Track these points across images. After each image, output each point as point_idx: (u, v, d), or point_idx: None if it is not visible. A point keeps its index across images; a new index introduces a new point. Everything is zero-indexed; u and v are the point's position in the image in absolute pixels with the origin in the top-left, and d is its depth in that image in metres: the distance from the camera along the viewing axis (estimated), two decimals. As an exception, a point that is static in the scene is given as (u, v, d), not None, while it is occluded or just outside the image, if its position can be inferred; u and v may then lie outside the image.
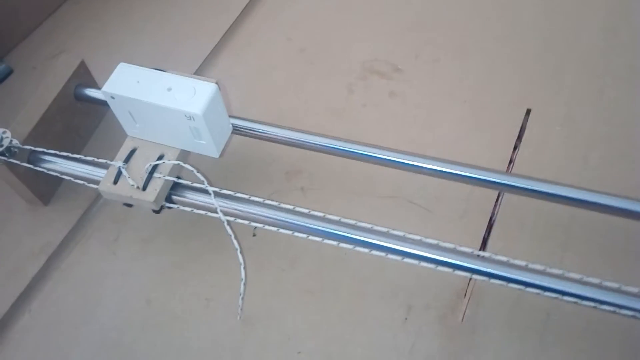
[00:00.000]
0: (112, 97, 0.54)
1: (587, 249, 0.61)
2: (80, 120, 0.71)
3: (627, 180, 0.66)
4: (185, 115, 0.53)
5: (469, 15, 0.85)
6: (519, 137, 0.70)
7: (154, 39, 0.85)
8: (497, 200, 0.65)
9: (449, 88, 0.76)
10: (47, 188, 0.68)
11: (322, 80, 0.78)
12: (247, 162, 0.70)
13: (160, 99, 0.53)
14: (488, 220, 0.63)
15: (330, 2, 0.89)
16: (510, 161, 0.68)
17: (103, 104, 0.69)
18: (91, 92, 0.69)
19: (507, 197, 0.65)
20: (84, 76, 0.70)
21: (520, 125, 0.71)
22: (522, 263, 0.52)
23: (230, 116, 0.62)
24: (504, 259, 0.52)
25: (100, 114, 0.75)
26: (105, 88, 0.54)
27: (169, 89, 0.53)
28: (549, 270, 0.51)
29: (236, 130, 0.63)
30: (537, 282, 0.51)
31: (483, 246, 0.61)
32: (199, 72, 0.80)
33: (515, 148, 0.69)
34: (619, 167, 0.68)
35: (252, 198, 0.56)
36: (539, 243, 0.61)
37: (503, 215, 0.63)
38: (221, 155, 0.59)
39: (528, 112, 0.73)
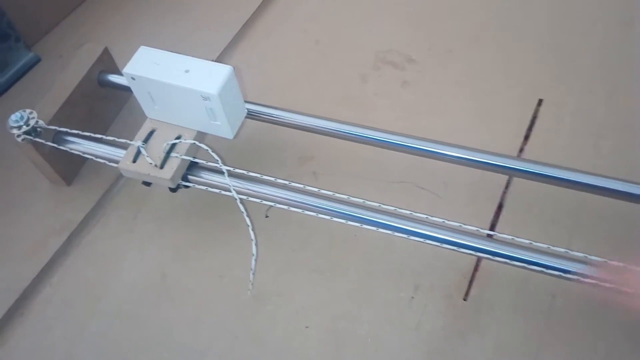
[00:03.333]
0: (133, 78, 0.57)
1: (594, 235, 0.61)
2: (103, 105, 0.74)
3: (639, 168, 0.67)
4: (202, 96, 0.55)
5: (482, 5, 0.86)
6: (530, 127, 0.71)
7: (174, 30, 0.88)
8: (506, 185, 0.66)
9: (461, 78, 0.77)
10: (70, 168, 0.71)
11: (336, 71, 0.80)
12: (261, 147, 0.72)
13: (177, 80, 0.55)
14: (497, 205, 0.64)
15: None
16: (521, 150, 0.69)
17: (125, 89, 0.73)
18: (114, 78, 0.72)
19: (517, 182, 0.66)
20: (107, 63, 0.73)
21: (531, 114, 0.72)
22: (526, 241, 0.53)
23: (245, 101, 0.64)
24: (508, 237, 0.53)
25: (122, 100, 0.78)
26: (126, 69, 0.57)
27: (187, 71, 0.56)
28: (552, 249, 0.52)
29: (251, 114, 0.65)
30: (540, 261, 0.52)
31: (491, 230, 0.62)
32: (217, 61, 0.83)
33: (526, 137, 0.70)
34: (630, 155, 0.68)
35: (264, 177, 0.58)
36: (546, 227, 0.62)
37: (512, 200, 0.64)
38: (235, 136, 0.61)
39: (540, 102, 0.74)
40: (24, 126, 0.62)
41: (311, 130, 0.66)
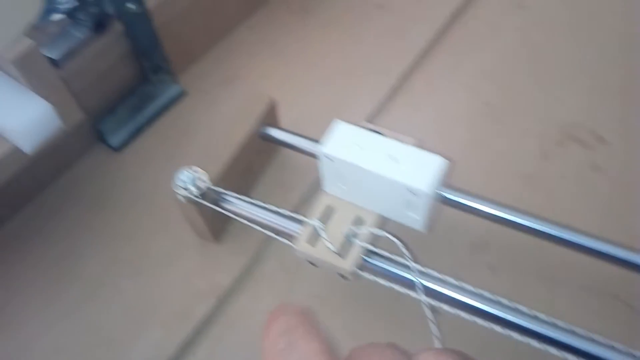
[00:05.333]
0: (329, 159, 0.51)
1: None
2: (258, 158, 0.69)
3: None
4: (409, 190, 0.48)
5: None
6: None
7: (328, 75, 0.82)
8: None
9: (666, 169, 0.67)
10: (221, 225, 0.66)
11: (511, 141, 0.71)
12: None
13: (383, 169, 0.48)
14: None
15: (522, 51, 0.82)
16: None
17: (285, 145, 0.67)
18: (277, 134, 0.66)
19: None
20: (271, 115, 0.67)
21: None
22: None
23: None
24: None
25: (274, 152, 0.72)
26: (325, 149, 0.50)
27: (393, 158, 0.49)
28: None
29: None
30: None
31: None
32: (373, 117, 0.76)
33: None
34: None
35: (463, 285, 0.50)
36: None
37: None
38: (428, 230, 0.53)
39: None
40: (192, 188, 0.57)
41: (486, 217, 0.58)
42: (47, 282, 0.64)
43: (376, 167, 0.48)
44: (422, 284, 0.51)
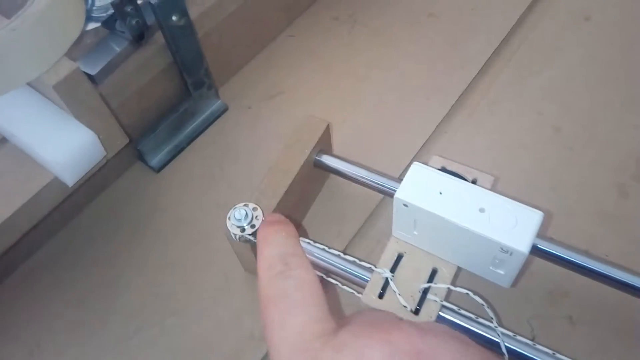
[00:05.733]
0: (405, 205, 0.45)
1: None
2: (311, 187, 0.64)
3: None
4: (502, 248, 0.43)
5: None
6: None
7: (377, 90, 0.76)
8: None
9: None
10: (271, 262, 0.61)
11: (585, 173, 0.65)
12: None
13: (472, 223, 0.43)
14: None
15: (592, 69, 0.75)
16: None
17: (338, 173, 0.62)
18: (331, 161, 0.61)
19: None
20: (324, 140, 0.62)
21: None
22: None
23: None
24: None
25: (324, 179, 0.67)
26: (401, 195, 0.45)
27: (482, 210, 0.43)
28: None
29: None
30: None
31: None
32: (433, 139, 0.70)
33: None
34: None
35: (558, 356, 0.45)
36: None
37: None
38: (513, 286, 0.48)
39: None
40: (248, 227, 0.52)
41: (563, 265, 0.52)
42: (81, 316, 0.60)
43: (463, 219, 0.43)
44: (507, 347, 0.45)
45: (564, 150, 0.67)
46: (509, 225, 0.42)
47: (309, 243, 0.53)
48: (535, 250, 0.51)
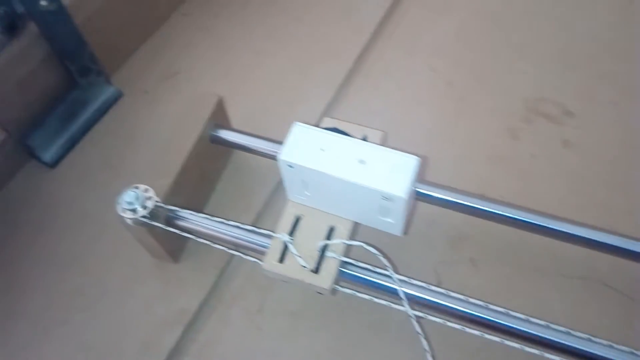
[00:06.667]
0: (290, 166, 0.45)
1: None
2: (212, 164, 0.63)
3: None
4: (383, 196, 0.43)
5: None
6: None
7: (276, 62, 0.75)
8: None
9: (636, 139, 0.65)
10: (178, 244, 0.60)
11: (478, 122, 0.68)
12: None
13: (352, 175, 0.44)
14: None
15: (479, 23, 0.77)
16: None
17: (239, 147, 0.61)
18: (228, 135, 0.60)
19: None
20: (219, 114, 0.61)
21: None
22: None
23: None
24: None
25: (228, 155, 0.66)
26: (284, 156, 0.45)
27: (362, 162, 0.44)
28: None
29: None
30: None
31: None
32: (333, 104, 0.71)
33: None
34: None
35: (451, 294, 0.46)
36: None
37: None
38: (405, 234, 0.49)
39: None
40: (140, 209, 0.50)
41: (463, 211, 0.54)
42: (-15, 325, 0.57)
43: (343, 172, 0.43)
44: (405, 294, 0.47)
45: (457, 102, 0.70)
46: (387, 173, 0.43)
47: (207, 218, 0.52)
48: (425, 198, 0.53)
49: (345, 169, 0.44)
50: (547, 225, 0.52)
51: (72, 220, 0.64)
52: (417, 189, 0.52)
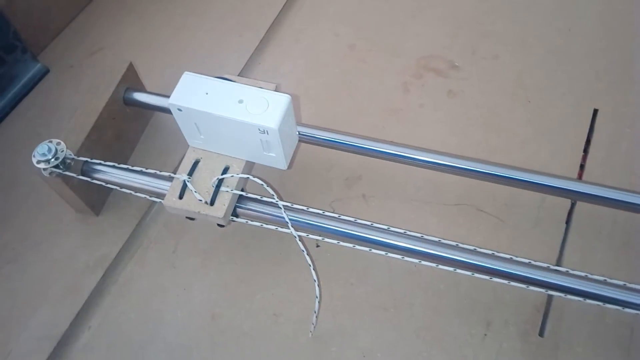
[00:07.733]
0: (179, 110, 0.51)
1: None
2: (129, 125, 0.68)
3: None
4: (259, 129, 0.50)
5: (529, 6, 0.81)
6: (588, 140, 0.68)
7: (195, 34, 0.81)
8: (570, 208, 0.63)
9: (510, 87, 0.73)
10: (99, 197, 0.65)
11: (376, 79, 0.75)
12: (304, 169, 0.67)
13: (232, 112, 0.50)
14: (563, 230, 0.61)
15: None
16: (581, 166, 0.66)
17: (152, 108, 0.67)
18: (140, 97, 0.66)
19: (581, 204, 0.63)
20: (132, 79, 0.67)
21: (588, 126, 0.69)
22: (601, 278, 0.50)
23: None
24: (581, 274, 0.50)
25: (146, 118, 0.72)
26: (172, 100, 0.51)
27: (241, 101, 0.50)
28: (629, 285, 0.49)
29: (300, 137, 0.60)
30: (617, 297, 0.50)
31: (559, 258, 0.59)
32: (246, 70, 0.77)
33: (585, 152, 0.67)
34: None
35: (326, 213, 0.53)
36: (616, 253, 0.59)
37: (578, 224, 0.61)
38: (289, 167, 0.56)
39: (595, 112, 0.70)
40: (53, 160, 0.56)
41: (357, 152, 0.61)
42: None
43: (224, 111, 0.50)
44: (289, 218, 0.53)
45: (358, 63, 0.77)
46: (262, 109, 0.50)
47: (114, 166, 0.58)
48: (303, 138, 0.60)
49: (225, 108, 0.50)
50: (429, 160, 0.59)
51: (1, 185, 0.68)
52: (299, 131, 0.59)
